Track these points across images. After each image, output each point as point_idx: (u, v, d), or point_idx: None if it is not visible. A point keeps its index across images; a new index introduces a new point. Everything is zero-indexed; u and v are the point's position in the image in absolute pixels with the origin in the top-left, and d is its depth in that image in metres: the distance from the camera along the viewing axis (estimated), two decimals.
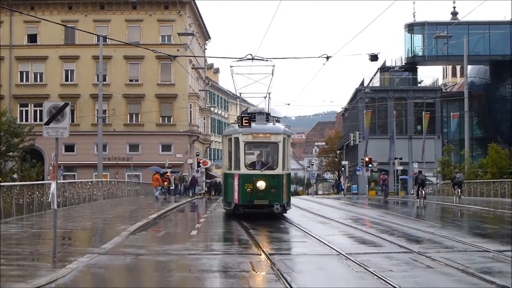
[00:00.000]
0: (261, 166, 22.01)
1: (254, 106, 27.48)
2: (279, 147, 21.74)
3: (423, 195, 38.03)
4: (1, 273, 10.57)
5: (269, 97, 25.94)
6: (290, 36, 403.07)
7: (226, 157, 23.65)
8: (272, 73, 25.02)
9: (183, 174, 51.59)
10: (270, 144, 22.25)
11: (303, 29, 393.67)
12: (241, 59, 24.44)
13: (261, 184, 21.13)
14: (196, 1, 61.09)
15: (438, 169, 58.60)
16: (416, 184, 40.56)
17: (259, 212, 21.93)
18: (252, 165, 22.20)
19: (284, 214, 22.90)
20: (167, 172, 46.15)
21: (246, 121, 21.53)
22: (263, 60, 24.38)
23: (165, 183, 42.24)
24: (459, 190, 36.90)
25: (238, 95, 27.90)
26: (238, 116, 22.89)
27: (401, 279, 10.53)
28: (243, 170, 21.63)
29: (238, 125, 22.06)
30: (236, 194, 21.79)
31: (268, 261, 12.63)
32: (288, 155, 23.29)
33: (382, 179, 49.77)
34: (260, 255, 13.53)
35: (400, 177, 60.88)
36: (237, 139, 21.98)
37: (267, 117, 23.42)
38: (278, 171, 21.68)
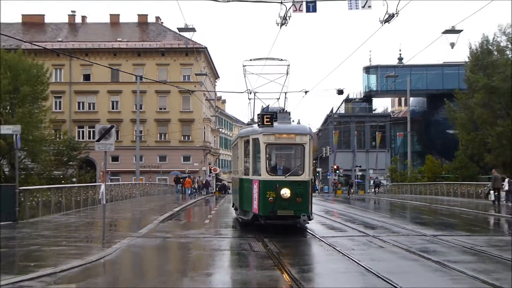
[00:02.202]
0: (283, 171, 14.87)
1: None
2: (305, 149, 14.85)
3: (352, 192, 48.30)
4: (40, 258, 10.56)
5: (285, 97, 18.77)
6: None
7: (241, 161, 16.36)
8: (287, 73, 17.98)
9: (197, 178, 50.78)
10: (295, 146, 15.25)
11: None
12: (254, 59, 18.30)
13: (285, 192, 14.26)
14: (209, 51, 61.38)
15: (388, 174, 58.86)
16: (347, 185, 50.54)
17: (282, 223, 15.01)
18: (273, 170, 14.98)
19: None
20: (188, 177, 45.81)
21: (268, 119, 14.86)
22: (277, 60, 18.04)
23: (195, 184, 43.86)
24: (377, 189, 47.56)
25: (253, 93, 18.85)
26: (258, 114, 15.61)
27: (360, 255, 10.57)
28: (264, 176, 14.58)
29: (258, 124, 15.06)
30: (255, 203, 14.73)
31: (261, 242, 12.64)
32: (312, 158, 17.00)
33: (334, 183, 57.33)
34: (256, 238, 13.53)
35: (357, 180, 61.29)
36: (256, 140, 14.99)
37: (289, 116, 16.42)
38: (304, 177, 14.63)
